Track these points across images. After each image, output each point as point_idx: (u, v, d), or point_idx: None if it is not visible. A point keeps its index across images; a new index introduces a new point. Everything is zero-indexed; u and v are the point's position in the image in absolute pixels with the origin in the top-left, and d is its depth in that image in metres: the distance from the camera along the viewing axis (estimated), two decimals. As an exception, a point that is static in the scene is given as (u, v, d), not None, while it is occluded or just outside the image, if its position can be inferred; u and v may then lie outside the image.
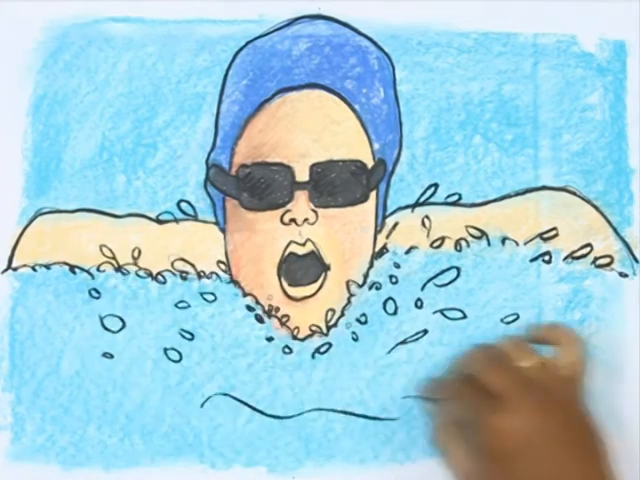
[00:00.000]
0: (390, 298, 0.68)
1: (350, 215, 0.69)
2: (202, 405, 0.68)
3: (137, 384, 0.68)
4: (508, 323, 0.68)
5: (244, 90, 0.69)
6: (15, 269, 0.68)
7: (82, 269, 0.68)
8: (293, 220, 0.68)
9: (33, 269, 0.68)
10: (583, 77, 0.70)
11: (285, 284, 0.68)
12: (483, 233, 0.69)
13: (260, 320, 0.68)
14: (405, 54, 0.70)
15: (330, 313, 0.69)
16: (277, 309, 0.68)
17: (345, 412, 0.68)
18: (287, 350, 0.68)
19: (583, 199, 0.70)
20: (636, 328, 0.69)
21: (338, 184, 0.68)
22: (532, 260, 0.69)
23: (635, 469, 0.67)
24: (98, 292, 0.68)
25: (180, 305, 0.68)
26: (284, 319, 0.68)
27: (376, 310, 0.68)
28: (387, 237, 0.69)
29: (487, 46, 0.70)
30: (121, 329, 0.68)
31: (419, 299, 0.68)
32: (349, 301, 0.68)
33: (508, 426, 0.59)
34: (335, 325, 0.69)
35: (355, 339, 0.68)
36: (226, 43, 0.70)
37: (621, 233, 0.69)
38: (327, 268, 0.68)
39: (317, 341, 0.68)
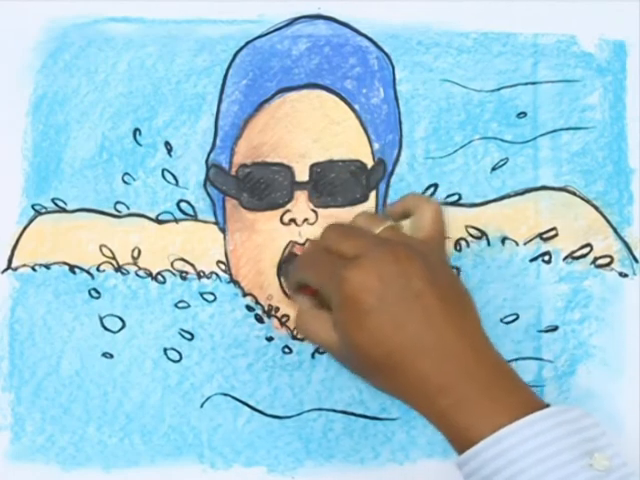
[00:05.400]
0: (390, 298, 0.68)
1: (350, 215, 0.68)
2: (202, 405, 0.68)
3: (137, 384, 0.68)
4: (508, 323, 0.68)
5: (244, 90, 0.69)
6: (15, 269, 0.68)
7: (82, 269, 0.68)
8: (293, 220, 0.68)
9: (33, 269, 0.68)
10: (583, 77, 0.70)
11: (285, 284, 0.68)
12: (483, 233, 0.69)
13: (260, 320, 0.68)
14: (405, 54, 0.70)
15: (330, 313, 0.68)
16: (277, 309, 0.68)
17: (345, 412, 0.68)
18: (287, 350, 0.68)
19: (583, 199, 0.70)
20: (636, 328, 0.69)
21: (338, 184, 0.68)
22: (532, 260, 0.69)
23: (635, 469, 0.66)
24: (98, 292, 0.68)
25: (180, 305, 0.68)
26: (284, 319, 0.68)
27: (376, 310, 0.68)
28: (387, 237, 0.69)
29: (487, 46, 0.70)
30: (121, 329, 0.68)
31: (419, 299, 0.68)
32: (349, 301, 0.68)
33: (363, 279, 0.55)
34: (335, 325, 0.68)
35: (355, 339, 0.68)
36: (226, 43, 0.70)
37: (621, 233, 0.69)
38: (327, 268, 0.68)
39: (317, 341, 0.68)
